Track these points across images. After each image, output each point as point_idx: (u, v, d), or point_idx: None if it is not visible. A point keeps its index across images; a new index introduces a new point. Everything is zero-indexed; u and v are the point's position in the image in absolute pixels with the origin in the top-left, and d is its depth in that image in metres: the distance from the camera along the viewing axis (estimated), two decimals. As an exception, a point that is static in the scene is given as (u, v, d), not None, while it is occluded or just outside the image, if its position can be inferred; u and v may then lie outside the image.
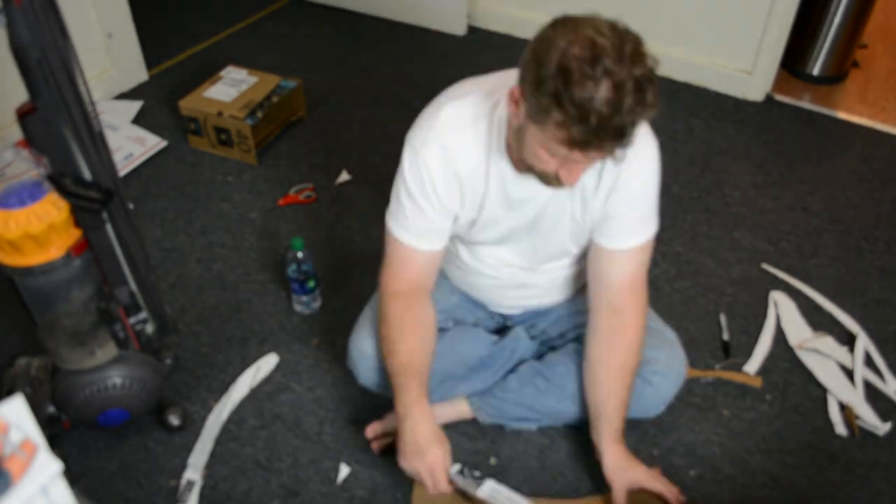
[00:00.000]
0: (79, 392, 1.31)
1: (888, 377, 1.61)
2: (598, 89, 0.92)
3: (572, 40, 0.94)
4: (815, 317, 1.75)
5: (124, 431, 1.46)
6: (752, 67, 2.51)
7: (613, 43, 0.93)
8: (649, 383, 1.36)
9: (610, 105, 0.93)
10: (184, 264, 1.87)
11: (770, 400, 1.57)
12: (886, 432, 1.49)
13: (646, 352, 1.33)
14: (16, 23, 1.00)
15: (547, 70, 0.94)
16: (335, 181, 2.14)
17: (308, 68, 2.63)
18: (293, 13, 3.03)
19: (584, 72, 0.92)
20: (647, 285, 1.32)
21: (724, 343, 1.69)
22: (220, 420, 1.50)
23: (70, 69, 1.07)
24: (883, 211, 2.09)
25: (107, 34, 2.41)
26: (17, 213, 1.09)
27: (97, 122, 1.15)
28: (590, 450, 1.34)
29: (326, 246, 1.92)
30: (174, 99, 2.33)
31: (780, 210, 2.09)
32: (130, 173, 2.14)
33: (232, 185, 2.13)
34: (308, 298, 1.71)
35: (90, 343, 1.27)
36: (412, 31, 2.91)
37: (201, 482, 1.39)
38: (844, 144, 2.38)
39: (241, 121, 2.13)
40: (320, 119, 2.40)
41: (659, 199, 1.27)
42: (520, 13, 2.82)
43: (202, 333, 1.69)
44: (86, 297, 1.21)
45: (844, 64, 2.70)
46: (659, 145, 1.24)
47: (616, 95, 0.93)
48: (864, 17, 2.58)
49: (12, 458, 0.69)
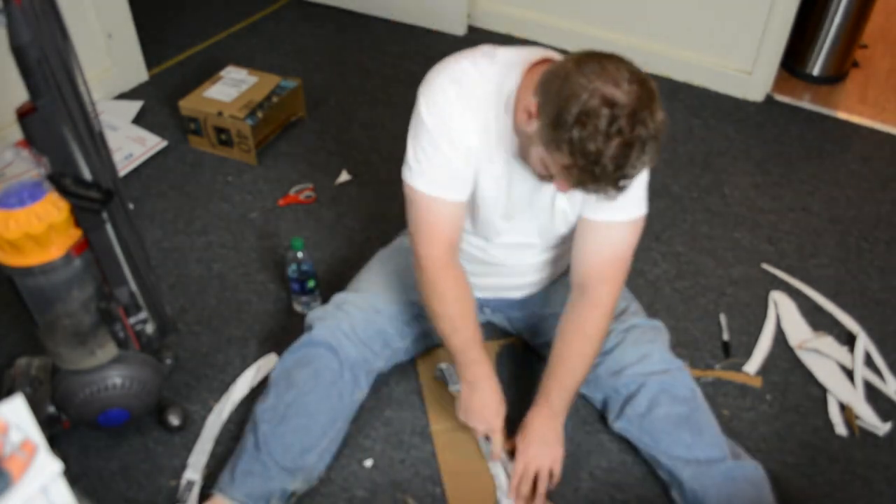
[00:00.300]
0: (79, 392, 1.31)
1: (888, 377, 1.61)
2: (608, 146, 0.98)
3: (594, 92, 0.98)
4: (815, 317, 1.75)
5: (124, 431, 1.46)
6: (752, 67, 2.51)
7: (631, 103, 0.98)
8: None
9: (616, 162, 0.99)
10: (184, 264, 1.87)
11: (770, 400, 1.57)
12: (886, 432, 1.49)
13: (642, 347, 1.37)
14: (16, 23, 1.00)
15: (567, 116, 0.99)
16: (335, 181, 2.14)
17: (308, 68, 2.63)
18: (293, 13, 3.03)
19: (598, 128, 0.97)
20: (629, 267, 1.32)
21: (724, 343, 1.69)
22: (221, 420, 1.50)
23: (70, 69, 1.07)
24: (883, 211, 2.09)
25: (107, 34, 2.40)
26: (17, 213, 1.09)
27: (97, 122, 1.15)
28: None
29: (326, 246, 1.92)
30: (174, 99, 2.33)
31: (780, 210, 2.09)
32: (130, 173, 2.14)
33: (232, 185, 2.13)
34: (308, 298, 1.71)
35: (90, 343, 1.27)
36: (412, 31, 2.91)
37: (201, 482, 1.39)
38: (844, 144, 2.38)
39: (241, 121, 2.13)
40: (320, 119, 2.40)
41: (648, 186, 1.28)
42: (520, 13, 2.82)
43: (202, 333, 1.69)
44: (86, 297, 1.21)
45: (844, 64, 2.70)
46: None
47: (623, 154, 0.99)
48: (864, 17, 2.58)
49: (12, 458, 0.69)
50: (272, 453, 1.28)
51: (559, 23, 2.73)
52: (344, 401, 1.37)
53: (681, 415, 1.33)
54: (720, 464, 1.30)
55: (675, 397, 1.34)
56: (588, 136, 0.98)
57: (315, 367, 1.35)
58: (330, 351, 1.37)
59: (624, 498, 1.38)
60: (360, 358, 1.40)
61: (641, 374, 1.35)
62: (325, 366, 1.35)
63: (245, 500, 1.26)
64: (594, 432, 1.47)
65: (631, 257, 1.31)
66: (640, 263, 1.88)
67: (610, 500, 1.37)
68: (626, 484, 1.40)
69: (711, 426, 1.35)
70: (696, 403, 1.36)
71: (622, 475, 1.41)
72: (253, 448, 1.30)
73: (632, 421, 1.36)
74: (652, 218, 2.01)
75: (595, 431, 1.47)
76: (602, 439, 1.46)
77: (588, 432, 1.46)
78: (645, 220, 1.29)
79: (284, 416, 1.31)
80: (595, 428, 1.47)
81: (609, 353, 1.38)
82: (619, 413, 1.38)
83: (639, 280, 1.82)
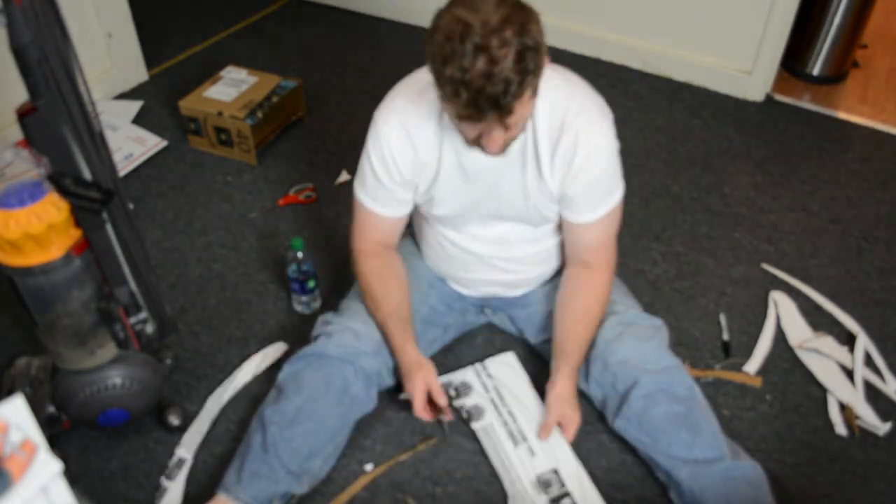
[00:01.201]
0: (79, 392, 1.31)
1: (888, 377, 1.61)
2: (467, 64, 0.99)
3: (449, 20, 1.01)
4: (815, 317, 1.75)
5: (124, 431, 1.46)
6: (752, 67, 2.51)
7: (490, 20, 0.99)
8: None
9: (481, 77, 1.00)
10: (184, 264, 1.87)
11: (770, 400, 1.57)
12: (886, 432, 1.49)
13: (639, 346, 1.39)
14: (16, 23, 1.00)
15: (434, 52, 1.03)
16: (335, 181, 2.14)
17: (308, 68, 2.63)
18: (293, 13, 3.03)
19: (453, 50, 1.00)
20: (616, 243, 1.42)
21: (724, 343, 1.69)
22: (220, 403, 1.50)
23: (70, 69, 1.07)
24: (883, 211, 2.09)
25: (107, 34, 2.41)
26: (17, 213, 1.09)
27: (97, 122, 1.15)
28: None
29: (326, 246, 1.92)
30: (174, 99, 2.33)
31: (780, 210, 2.09)
32: (130, 173, 2.14)
33: (232, 185, 2.13)
34: (308, 298, 1.71)
35: (90, 343, 1.27)
36: (412, 31, 2.91)
37: (192, 461, 1.39)
38: (844, 144, 2.38)
39: (241, 121, 2.13)
40: (320, 119, 2.40)
41: (620, 165, 1.35)
42: (520, 13, 2.82)
43: (202, 333, 1.69)
44: (86, 297, 1.21)
45: (844, 64, 2.70)
46: (658, 143, 1.26)
47: (487, 67, 0.99)
48: (864, 17, 2.58)
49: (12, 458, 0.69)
50: (280, 456, 1.28)
51: (559, 23, 2.73)
52: (354, 409, 1.37)
53: (679, 413, 1.33)
54: (718, 463, 1.30)
55: (673, 396, 1.34)
56: (447, 61, 1.00)
57: (326, 373, 1.35)
58: (345, 361, 1.37)
59: (624, 498, 1.38)
60: (374, 371, 1.40)
61: (639, 371, 1.36)
62: (337, 373, 1.36)
63: (250, 502, 1.26)
64: (594, 432, 1.47)
65: (618, 230, 1.41)
66: (640, 263, 1.88)
67: (610, 500, 1.37)
68: (625, 484, 1.40)
69: (710, 425, 1.34)
70: (695, 402, 1.36)
71: (622, 475, 1.41)
72: (260, 450, 1.30)
73: (629, 420, 1.36)
74: (652, 218, 2.03)
75: (595, 431, 1.47)
76: (602, 439, 1.46)
77: (588, 432, 1.46)
78: (623, 199, 1.36)
79: (294, 419, 1.31)
80: (595, 428, 1.47)
81: (607, 346, 1.39)
82: (618, 411, 1.38)
83: (639, 280, 1.82)
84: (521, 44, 1.00)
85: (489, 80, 1.00)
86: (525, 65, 1.01)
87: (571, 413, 1.38)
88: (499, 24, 0.99)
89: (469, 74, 1.00)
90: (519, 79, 1.01)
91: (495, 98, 1.02)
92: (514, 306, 1.56)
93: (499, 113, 1.05)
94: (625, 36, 2.66)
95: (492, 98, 1.02)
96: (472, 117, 1.07)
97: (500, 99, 1.02)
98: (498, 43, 0.99)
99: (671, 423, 1.33)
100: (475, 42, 0.99)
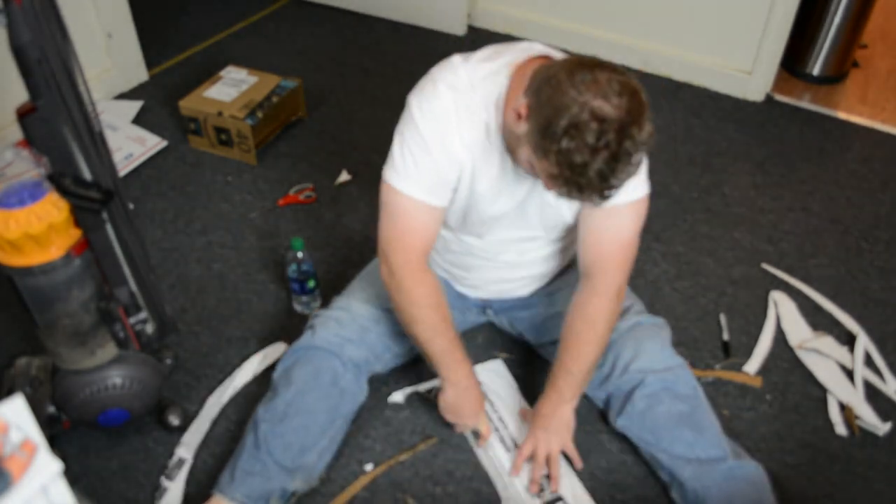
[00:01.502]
0: (79, 392, 1.31)
1: (888, 377, 1.61)
2: (595, 160, 0.98)
3: (584, 105, 0.97)
4: (815, 317, 1.75)
5: (124, 431, 1.46)
6: (752, 67, 2.51)
7: (620, 117, 0.98)
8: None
9: (601, 175, 0.99)
10: (184, 264, 1.87)
11: (770, 400, 1.57)
12: (886, 432, 1.49)
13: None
14: (16, 23, 0.99)
15: (556, 127, 0.99)
16: (335, 181, 2.14)
17: (308, 68, 2.63)
18: (293, 13, 3.03)
19: (586, 142, 0.97)
20: (635, 253, 1.31)
21: (724, 343, 1.69)
22: (220, 402, 1.50)
23: (70, 69, 1.07)
24: (883, 211, 2.09)
25: (107, 34, 2.40)
26: (17, 213, 1.09)
27: (97, 122, 1.15)
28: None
29: (326, 246, 1.92)
30: (174, 99, 2.33)
31: (780, 210, 2.09)
32: (130, 173, 2.14)
33: (232, 185, 2.13)
34: (308, 298, 1.71)
35: (90, 343, 1.27)
36: (412, 31, 2.91)
37: (192, 461, 1.39)
38: (844, 144, 2.38)
39: (241, 121, 2.13)
40: (320, 119, 2.40)
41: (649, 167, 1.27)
42: (520, 13, 2.82)
43: (202, 333, 1.69)
44: (86, 297, 1.21)
45: (844, 64, 2.70)
46: (658, 143, 1.24)
47: (609, 168, 0.99)
48: (864, 17, 2.58)
49: (12, 458, 0.69)
50: (272, 452, 1.28)
51: (559, 23, 2.73)
52: (345, 400, 1.37)
53: (682, 412, 1.33)
54: (721, 463, 1.30)
55: (676, 395, 1.34)
56: (575, 149, 0.98)
57: (315, 366, 1.35)
58: (331, 353, 1.37)
59: (624, 498, 1.38)
60: (362, 360, 1.40)
61: (643, 371, 1.36)
62: (326, 365, 1.36)
63: (244, 501, 1.26)
64: (594, 432, 1.47)
65: (636, 242, 1.30)
66: (640, 263, 1.88)
67: (610, 500, 1.37)
68: (626, 484, 1.40)
69: (713, 425, 1.35)
70: (698, 402, 1.36)
71: (622, 475, 1.41)
72: (253, 447, 1.30)
73: (633, 418, 1.36)
74: (652, 218, 2.01)
75: (595, 431, 1.47)
76: (602, 439, 1.46)
77: (588, 432, 1.46)
78: (648, 200, 1.27)
79: (284, 415, 1.31)
80: (595, 428, 1.47)
81: (610, 349, 1.38)
82: (621, 410, 1.38)
83: (639, 280, 1.82)
84: (640, 148, 1.00)
85: (603, 181, 1.00)
86: (640, 167, 1.02)
87: (552, 435, 1.37)
88: (632, 131, 0.98)
89: (588, 173, 0.99)
90: (627, 178, 1.02)
91: (607, 193, 1.03)
92: (516, 308, 1.56)
93: (600, 200, 1.04)
94: (625, 36, 2.66)
95: (603, 193, 1.02)
96: (568, 194, 1.05)
97: (611, 193, 1.03)
98: (624, 148, 0.98)
99: (674, 421, 1.33)
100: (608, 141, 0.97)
